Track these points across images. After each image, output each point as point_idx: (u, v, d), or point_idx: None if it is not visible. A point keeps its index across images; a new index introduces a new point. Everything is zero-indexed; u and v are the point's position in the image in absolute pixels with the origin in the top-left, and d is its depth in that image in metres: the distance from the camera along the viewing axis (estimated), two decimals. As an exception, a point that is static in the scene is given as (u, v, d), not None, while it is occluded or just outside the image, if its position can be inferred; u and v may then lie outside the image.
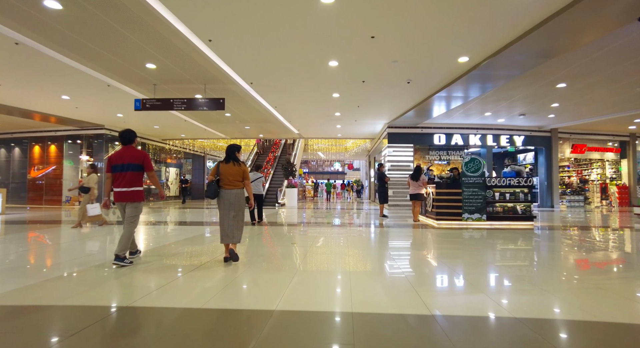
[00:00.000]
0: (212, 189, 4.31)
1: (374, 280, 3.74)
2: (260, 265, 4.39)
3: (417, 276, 3.89)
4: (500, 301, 3.00)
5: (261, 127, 16.15)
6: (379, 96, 10.52)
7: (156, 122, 15.06)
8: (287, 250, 5.43)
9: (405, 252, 5.50)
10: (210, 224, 9.23)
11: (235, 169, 4.40)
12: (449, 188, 8.71)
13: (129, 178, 4.31)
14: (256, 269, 4.16)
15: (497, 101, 11.16)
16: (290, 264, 4.40)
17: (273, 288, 3.37)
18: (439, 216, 8.66)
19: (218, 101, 9.30)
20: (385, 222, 9.44)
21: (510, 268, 4.41)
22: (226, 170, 4.38)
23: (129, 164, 4.32)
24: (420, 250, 5.77)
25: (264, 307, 2.83)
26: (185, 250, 5.43)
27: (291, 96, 10.57)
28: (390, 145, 15.00)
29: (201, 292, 3.25)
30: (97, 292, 3.27)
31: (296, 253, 5.11)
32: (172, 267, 4.28)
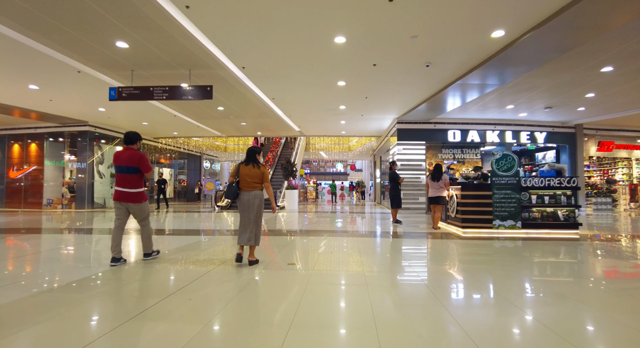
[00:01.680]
0: (232, 190, 4.38)
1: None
2: (240, 311, 3.06)
3: (479, 331, 2.55)
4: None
5: (259, 123, 14.85)
6: (391, 85, 9.19)
7: (144, 117, 13.78)
8: (281, 276, 4.10)
9: (446, 281, 4.16)
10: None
11: (254, 171, 4.39)
12: (476, 190, 7.38)
13: (125, 180, 4.41)
14: (230, 324, 2.83)
15: (521, 91, 9.82)
16: (284, 310, 3.05)
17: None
18: (465, 223, 7.33)
19: (205, 89, 8.01)
20: (401, 230, 8.10)
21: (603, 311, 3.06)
22: (245, 172, 4.39)
23: (126, 167, 4.40)
24: (466, 276, 4.43)
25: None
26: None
27: (290, 84, 9.26)
28: (400, 142, 13.67)
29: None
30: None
31: (293, 282, 3.78)
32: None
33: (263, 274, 4.01)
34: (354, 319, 2.67)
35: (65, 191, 15.53)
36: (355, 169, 42.10)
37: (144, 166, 4.48)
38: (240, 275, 3.98)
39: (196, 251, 5.50)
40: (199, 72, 8.28)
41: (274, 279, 3.84)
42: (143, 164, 4.47)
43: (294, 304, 2.96)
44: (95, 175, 15.18)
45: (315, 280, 3.73)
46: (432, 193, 8.03)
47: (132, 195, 4.43)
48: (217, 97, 10.37)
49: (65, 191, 15.50)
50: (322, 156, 26.85)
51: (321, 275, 3.98)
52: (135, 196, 4.45)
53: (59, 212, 13.90)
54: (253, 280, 3.76)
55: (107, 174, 15.87)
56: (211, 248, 5.86)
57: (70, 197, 15.22)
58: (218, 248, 5.81)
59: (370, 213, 13.87)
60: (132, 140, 4.58)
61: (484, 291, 3.47)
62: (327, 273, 4.11)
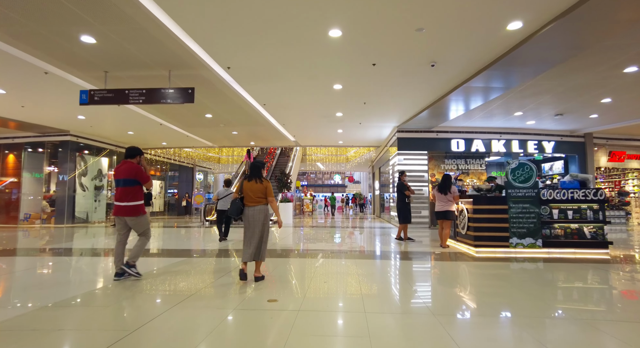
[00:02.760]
0: (236, 206, 4.35)
1: None
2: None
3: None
4: None
5: (251, 132, 14.06)
6: (392, 88, 8.43)
7: (128, 126, 12.98)
8: (255, 321, 3.20)
9: (469, 328, 3.27)
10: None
11: (257, 186, 4.36)
12: (490, 204, 6.53)
13: (123, 193, 4.40)
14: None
15: (530, 96, 9.09)
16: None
17: None
18: (478, 242, 6.45)
19: (186, 91, 7.22)
20: (405, 249, 7.21)
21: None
22: (249, 187, 4.36)
23: (123, 179, 4.40)
24: (489, 313, 3.53)
25: None
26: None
27: (282, 88, 8.48)
28: (400, 152, 12.86)
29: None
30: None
31: (269, 330, 2.88)
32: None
33: (233, 317, 3.11)
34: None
35: (46, 205, 14.57)
36: (354, 181, 41.32)
37: (142, 177, 4.47)
38: (208, 317, 3.08)
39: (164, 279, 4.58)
40: (179, 73, 7.50)
41: (246, 325, 2.94)
42: (140, 176, 4.46)
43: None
44: (78, 188, 14.26)
45: (300, 327, 2.82)
46: (439, 207, 7.17)
47: (129, 208, 4.40)
48: (203, 102, 9.59)
49: (46, 205, 14.54)
50: (319, 167, 26.06)
51: (309, 317, 3.08)
52: (133, 210, 4.42)
53: (37, 227, 12.93)
54: (218, 328, 2.85)
55: (90, 187, 14.96)
56: (191, 274, 4.95)
57: (50, 211, 14.26)
58: (195, 277, 4.89)
59: (370, 228, 12.96)
60: (132, 154, 4.58)
61: (513, 331, 2.58)
62: (318, 313, 3.21)
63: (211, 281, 4.41)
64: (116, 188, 4.47)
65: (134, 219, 4.45)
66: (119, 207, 4.40)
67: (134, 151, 4.61)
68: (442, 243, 7.23)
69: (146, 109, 10.78)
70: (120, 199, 4.39)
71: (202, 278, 4.64)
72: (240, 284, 4.21)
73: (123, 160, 4.56)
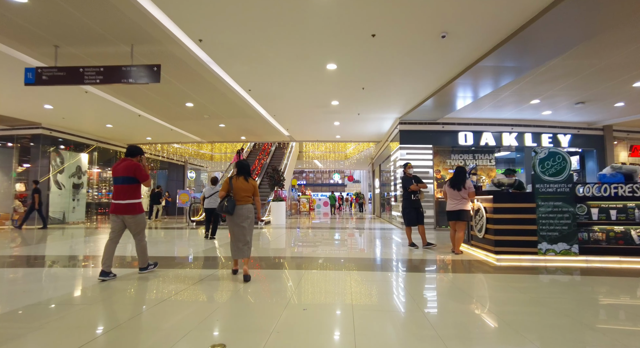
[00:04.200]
0: (232, 204, 4.30)
1: None
2: None
3: None
4: None
5: (241, 126, 12.93)
6: (394, 68, 7.29)
7: (104, 118, 11.84)
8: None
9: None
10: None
11: (247, 185, 4.43)
12: (513, 201, 5.41)
13: (121, 191, 4.37)
14: None
15: (551, 81, 7.97)
16: None
17: None
18: (500, 247, 5.32)
19: (151, 69, 6.09)
20: (411, 257, 6.09)
21: None
22: (239, 186, 4.39)
23: (122, 177, 4.37)
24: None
25: None
26: None
27: (267, 69, 7.35)
28: (402, 146, 11.73)
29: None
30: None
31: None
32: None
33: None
34: None
35: (19, 204, 13.44)
36: (354, 180, 40.25)
37: (141, 175, 4.43)
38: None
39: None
40: (144, 50, 6.39)
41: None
42: (139, 173, 4.42)
43: None
44: (53, 186, 13.14)
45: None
46: (451, 206, 6.05)
47: (127, 207, 4.37)
48: (179, 88, 8.47)
49: (19, 205, 13.41)
50: (316, 165, 24.93)
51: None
52: (131, 208, 4.39)
53: (7, 229, 11.80)
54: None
55: (68, 184, 13.83)
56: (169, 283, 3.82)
57: (23, 211, 13.12)
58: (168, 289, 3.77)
59: (370, 230, 11.83)
60: (133, 153, 4.58)
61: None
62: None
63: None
64: (114, 186, 4.42)
65: (132, 217, 4.40)
66: (117, 205, 4.37)
67: (135, 150, 4.61)
68: (454, 248, 6.10)
69: (122, 98, 9.66)
70: (119, 197, 4.36)
71: (169, 291, 3.52)
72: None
73: (122, 158, 4.54)
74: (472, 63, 6.89)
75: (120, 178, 4.37)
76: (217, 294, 3.70)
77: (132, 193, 4.41)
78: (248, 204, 4.44)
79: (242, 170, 4.51)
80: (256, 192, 4.54)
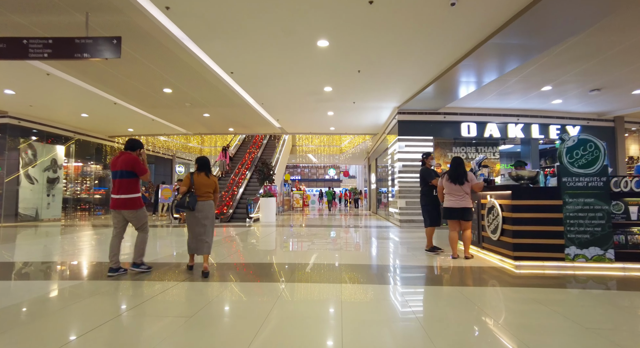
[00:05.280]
0: (194, 200, 4.28)
1: None
2: None
3: None
4: None
5: (227, 116, 12.00)
6: (393, 46, 6.40)
7: (77, 106, 10.85)
8: None
9: None
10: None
11: (208, 180, 4.45)
12: (535, 198, 4.58)
13: (120, 185, 4.26)
14: None
15: (565, 63, 7.17)
16: None
17: None
18: (519, 252, 4.50)
19: (109, 42, 5.15)
20: (412, 264, 5.26)
21: None
22: (201, 181, 4.40)
23: (120, 171, 4.26)
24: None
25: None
26: None
27: (249, 46, 6.42)
28: (401, 138, 10.89)
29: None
30: None
31: None
32: None
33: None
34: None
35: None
36: (349, 175, 39.51)
37: (140, 169, 4.35)
38: None
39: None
40: (102, 20, 5.47)
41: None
42: (138, 167, 4.34)
43: None
44: (24, 180, 12.15)
45: None
46: (451, 202, 5.20)
47: (127, 201, 4.25)
48: (152, 69, 7.53)
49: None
50: (310, 159, 24.05)
51: None
52: (131, 203, 4.27)
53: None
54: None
55: (41, 179, 12.84)
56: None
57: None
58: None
59: (365, 228, 11.01)
60: (132, 147, 4.48)
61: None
62: None
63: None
64: (114, 180, 4.31)
65: (132, 212, 4.31)
66: (117, 200, 4.26)
67: (135, 143, 4.51)
68: (453, 252, 5.27)
69: (92, 83, 8.69)
70: (118, 191, 4.25)
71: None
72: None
73: (121, 151, 4.43)
74: (481, 41, 6.04)
75: (119, 172, 4.26)
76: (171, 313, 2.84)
77: (131, 187, 4.28)
78: (209, 200, 4.47)
79: (203, 166, 4.54)
80: (217, 188, 4.59)
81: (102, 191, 17.16)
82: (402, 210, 10.56)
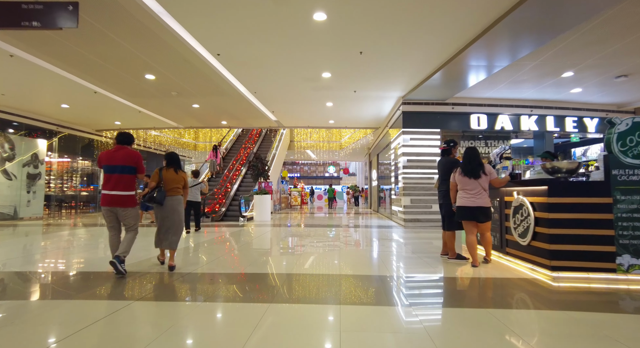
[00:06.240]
0: (163, 195, 4.24)
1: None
2: None
3: None
4: None
5: (218, 107, 11.15)
6: (400, 20, 5.56)
7: (55, 95, 10.01)
8: None
9: None
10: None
11: (176, 176, 4.45)
12: (580, 195, 3.76)
13: (119, 181, 4.02)
14: None
15: (592, 44, 6.35)
16: None
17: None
18: (557, 261, 3.69)
19: (64, 8, 4.32)
20: (438, 272, 4.44)
21: None
22: (170, 177, 4.40)
23: (121, 166, 4.05)
24: None
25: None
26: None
27: (232, 18, 5.56)
28: (406, 130, 10.05)
29: None
30: None
31: None
32: None
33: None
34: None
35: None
36: (349, 173, 38.73)
37: (141, 167, 4.21)
38: None
39: None
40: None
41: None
42: (141, 164, 4.20)
43: None
44: (0, 176, 11.33)
45: None
46: (466, 200, 4.35)
47: (124, 198, 4.03)
48: (130, 51, 6.69)
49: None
50: (309, 155, 23.22)
51: None
52: (127, 200, 4.07)
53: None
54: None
55: (20, 175, 12.00)
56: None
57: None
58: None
59: (367, 227, 10.19)
60: (129, 141, 4.26)
61: None
62: None
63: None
64: (108, 175, 4.05)
65: (126, 210, 4.09)
66: (112, 196, 4.01)
67: (130, 137, 4.30)
68: (472, 259, 4.44)
69: (65, 67, 7.84)
70: (115, 187, 4.01)
71: None
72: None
73: (118, 145, 4.18)
74: (497, 18, 5.21)
75: (119, 167, 4.03)
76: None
77: (130, 184, 4.12)
78: (178, 195, 4.46)
79: (172, 162, 4.54)
80: (186, 184, 4.61)
81: (90, 188, 16.34)
82: (406, 209, 9.74)
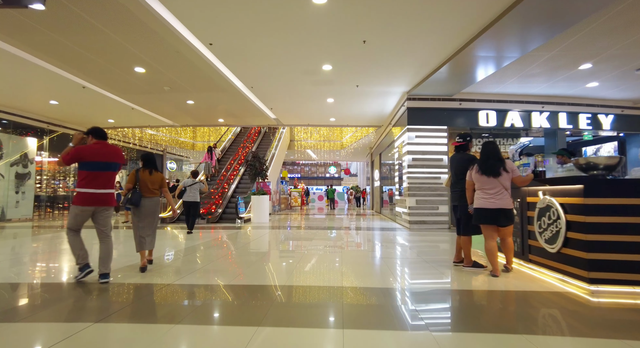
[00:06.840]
0: (138, 196, 4.23)
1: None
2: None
3: None
4: None
5: (213, 103, 10.65)
6: (406, 6, 5.05)
7: (41, 90, 9.52)
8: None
9: None
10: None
11: (154, 177, 4.41)
12: (622, 195, 3.23)
13: (108, 179, 3.81)
14: None
15: (616, 29, 5.85)
16: None
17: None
18: (596, 273, 3.16)
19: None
20: (453, 284, 3.92)
21: None
22: (147, 178, 4.35)
23: (108, 163, 3.79)
24: None
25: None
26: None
27: (228, 5, 5.07)
28: (411, 127, 9.53)
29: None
30: None
31: None
32: None
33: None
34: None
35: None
36: (350, 173, 38.26)
37: (124, 162, 4.17)
38: None
39: None
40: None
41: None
42: (123, 160, 4.05)
43: None
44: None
45: None
46: (481, 201, 3.83)
47: (110, 197, 3.84)
48: (115, 41, 6.19)
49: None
50: (309, 155, 22.71)
51: None
52: (112, 199, 3.88)
53: None
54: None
55: (9, 174, 11.52)
56: None
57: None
58: None
59: (370, 230, 9.66)
60: (105, 135, 3.94)
61: None
62: None
63: None
64: (93, 173, 3.69)
65: (108, 210, 3.87)
66: (99, 195, 3.71)
67: (105, 133, 3.95)
68: (494, 268, 3.91)
69: (48, 60, 7.37)
70: (105, 185, 3.76)
71: None
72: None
73: (98, 141, 3.85)
74: (512, 4, 4.72)
75: (112, 164, 3.86)
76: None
77: (113, 182, 3.95)
78: (155, 197, 4.44)
79: (148, 163, 4.50)
80: (163, 184, 4.52)
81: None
82: (411, 210, 9.22)
